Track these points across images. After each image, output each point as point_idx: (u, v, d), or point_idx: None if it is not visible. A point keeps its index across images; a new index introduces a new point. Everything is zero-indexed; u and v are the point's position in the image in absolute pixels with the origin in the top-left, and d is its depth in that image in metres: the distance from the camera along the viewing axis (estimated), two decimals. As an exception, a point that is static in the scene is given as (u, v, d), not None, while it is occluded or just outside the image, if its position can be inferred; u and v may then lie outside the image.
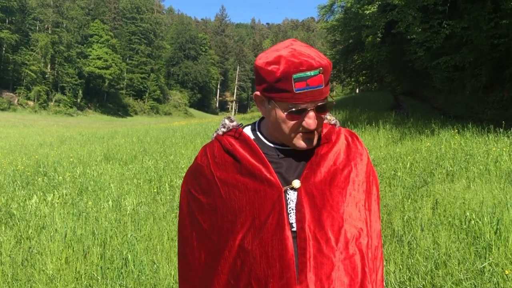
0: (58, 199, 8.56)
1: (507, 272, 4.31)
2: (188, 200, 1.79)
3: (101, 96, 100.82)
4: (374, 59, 29.90)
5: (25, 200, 8.56)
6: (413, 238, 5.48)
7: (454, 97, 22.61)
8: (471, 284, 4.29)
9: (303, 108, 1.55)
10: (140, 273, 4.88)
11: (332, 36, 40.42)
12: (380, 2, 23.30)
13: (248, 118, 36.11)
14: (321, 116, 1.61)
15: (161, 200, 8.26)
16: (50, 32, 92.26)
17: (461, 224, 5.71)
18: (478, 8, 17.37)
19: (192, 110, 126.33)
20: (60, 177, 10.76)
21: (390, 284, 4.45)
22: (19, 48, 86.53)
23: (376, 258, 1.71)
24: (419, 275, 4.55)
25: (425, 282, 4.42)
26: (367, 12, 23.21)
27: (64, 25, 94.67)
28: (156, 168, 11.49)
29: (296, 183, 1.62)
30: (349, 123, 17.37)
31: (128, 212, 7.52)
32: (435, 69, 21.38)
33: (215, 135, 1.79)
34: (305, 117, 1.57)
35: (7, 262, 5.33)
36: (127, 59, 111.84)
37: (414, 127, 15.11)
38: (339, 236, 1.59)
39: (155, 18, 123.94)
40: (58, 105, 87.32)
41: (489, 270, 4.48)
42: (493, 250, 4.89)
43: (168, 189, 9.13)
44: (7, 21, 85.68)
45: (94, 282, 4.76)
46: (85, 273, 5.02)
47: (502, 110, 16.78)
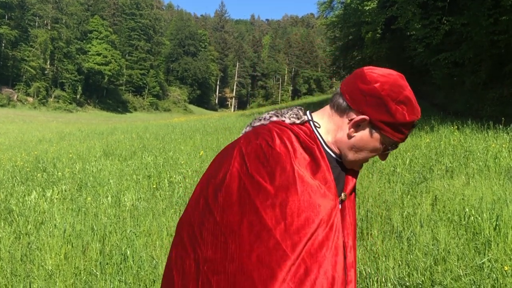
0: (57, 195, 8.56)
1: (506, 268, 4.30)
2: (245, 184, 1.53)
3: (101, 92, 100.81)
4: (374, 55, 29.90)
5: (24, 195, 8.55)
6: (412, 234, 5.48)
7: (453, 94, 22.59)
8: (470, 280, 4.29)
9: (397, 145, 1.68)
10: (139, 269, 4.88)
11: (332, 32, 40.35)
12: (380, -2, 23.28)
13: (248, 114, 36.06)
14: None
15: (160, 196, 8.25)
16: (49, 28, 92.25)
17: (461, 220, 5.71)
18: (477, 4, 17.33)
19: (191, 107, 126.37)
20: (60, 173, 10.75)
21: (389, 280, 4.44)
22: (19, 44, 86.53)
23: None
24: (418, 271, 4.55)
25: (424, 278, 4.41)
26: (367, 8, 23.21)
27: (64, 21, 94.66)
28: (155, 164, 11.48)
29: (343, 196, 1.69)
30: (348, 120, 17.30)
31: (127, 208, 7.52)
32: (435, 65, 21.37)
33: (282, 120, 1.66)
34: (383, 152, 1.69)
35: (6, 258, 5.33)
36: (127, 55, 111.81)
37: (413, 123, 15.08)
38: (354, 242, 1.73)
39: (154, 14, 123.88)
40: (58, 101, 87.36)
41: (488, 266, 4.48)
42: (492, 246, 4.89)
43: (167, 185, 9.12)
44: (6, 17, 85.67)
45: (93, 278, 4.76)
46: (84, 269, 5.02)
47: (501, 107, 16.76)
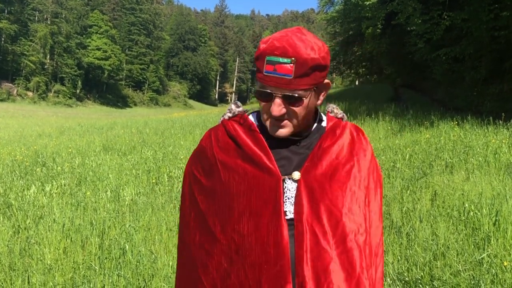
0: (56, 190, 8.55)
1: (505, 264, 4.30)
2: (190, 180, 1.80)
3: (100, 87, 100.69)
4: (374, 51, 29.85)
5: (24, 190, 8.55)
6: (411, 229, 5.48)
7: (453, 89, 22.54)
8: (469, 275, 4.29)
9: (267, 92, 1.58)
10: (138, 263, 4.87)
11: (332, 27, 40.24)
12: (380, -7, 23.21)
13: (247, 109, 36.03)
14: (293, 108, 1.59)
15: (160, 191, 8.25)
16: (49, 22, 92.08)
17: (460, 215, 5.71)
18: (478, -1, 17.30)
19: (191, 102, 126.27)
20: (59, 168, 10.74)
21: (389, 275, 4.44)
22: (18, 38, 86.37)
23: (377, 255, 1.69)
24: (418, 266, 4.55)
25: (423, 273, 4.41)
26: (367, 3, 23.13)
27: (63, 15, 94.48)
28: (155, 159, 11.48)
29: (296, 174, 1.62)
30: (348, 115, 17.33)
31: (126, 202, 7.51)
32: (435, 61, 21.33)
33: (221, 119, 1.82)
34: (272, 102, 1.58)
35: (5, 252, 5.32)
36: (127, 50, 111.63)
37: (413, 119, 15.09)
38: (336, 230, 1.58)
39: (154, 9, 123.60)
40: (57, 96, 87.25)
41: (488, 262, 4.47)
42: (492, 241, 4.89)
43: (166, 179, 9.12)
44: (6, 11, 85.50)
45: (92, 272, 4.76)
46: (83, 263, 5.02)
47: (501, 102, 16.73)
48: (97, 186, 8.76)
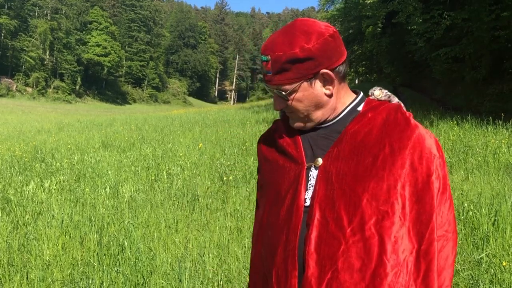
0: (55, 185, 8.54)
1: (504, 264, 4.30)
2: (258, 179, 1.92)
3: (100, 84, 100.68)
4: (374, 49, 29.87)
5: (22, 186, 8.54)
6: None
7: (453, 89, 22.56)
8: (468, 275, 4.29)
9: (265, 87, 1.65)
10: (136, 260, 4.87)
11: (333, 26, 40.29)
12: (381, -8, 23.21)
13: (247, 107, 36.05)
14: (288, 103, 1.60)
15: (159, 188, 8.25)
16: (49, 18, 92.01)
17: (459, 215, 5.70)
18: (479, -1, 17.30)
19: (191, 99, 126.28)
20: (58, 164, 10.73)
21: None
22: (18, 34, 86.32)
23: (433, 258, 1.50)
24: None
25: (422, 273, 4.41)
26: (368, 2, 23.15)
27: (63, 11, 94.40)
28: (154, 156, 11.47)
29: (319, 160, 1.59)
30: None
31: (125, 199, 7.51)
32: (435, 60, 21.33)
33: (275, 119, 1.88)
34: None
35: (4, 248, 5.32)
36: (126, 47, 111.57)
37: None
38: (354, 217, 1.48)
39: (154, 6, 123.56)
40: (57, 92, 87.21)
41: (487, 261, 4.47)
42: (491, 241, 4.89)
43: (165, 176, 9.12)
44: (6, 6, 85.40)
45: (91, 269, 4.75)
46: (82, 260, 5.02)
47: (501, 103, 16.75)
48: (96, 183, 8.75)
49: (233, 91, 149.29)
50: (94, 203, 7.25)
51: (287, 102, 1.59)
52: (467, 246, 4.87)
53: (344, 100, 1.65)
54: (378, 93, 1.68)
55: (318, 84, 1.59)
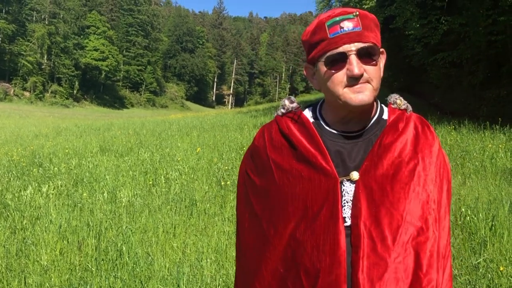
0: (53, 190, 8.53)
1: (501, 269, 4.31)
2: (244, 180, 1.75)
3: (98, 88, 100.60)
4: (372, 54, 29.85)
5: (20, 190, 8.53)
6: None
7: (450, 94, 22.61)
8: (465, 280, 4.30)
9: (341, 52, 1.47)
10: (134, 265, 4.87)
11: (330, 30, 40.34)
12: (378, -3, 23.30)
13: (245, 111, 36.06)
14: (369, 67, 1.49)
15: (157, 193, 8.24)
16: (47, 22, 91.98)
17: (456, 220, 5.72)
18: (476, 4, 17.37)
19: (188, 103, 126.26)
20: (56, 168, 10.72)
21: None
22: (16, 38, 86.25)
23: (445, 257, 1.56)
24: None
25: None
26: (365, 7, 23.21)
27: (61, 15, 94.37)
28: (152, 161, 11.47)
29: (355, 175, 1.51)
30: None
31: (123, 204, 7.50)
32: (432, 65, 21.42)
33: (275, 115, 1.74)
34: (347, 65, 1.47)
35: (1, 253, 5.32)
36: (124, 51, 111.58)
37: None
38: (397, 236, 1.46)
39: (152, 10, 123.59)
40: (54, 96, 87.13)
41: (484, 266, 4.49)
42: (488, 246, 4.90)
43: (163, 181, 9.11)
44: (3, 11, 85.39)
45: (89, 274, 4.75)
46: (80, 265, 5.01)
47: (498, 107, 16.80)
48: (93, 187, 8.75)
49: (230, 96, 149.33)
50: (92, 208, 7.24)
51: (367, 66, 1.48)
52: (465, 251, 4.88)
53: (374, 103, 1.61)
54: (400, 102, 1.65)
55: (382, 61, 1.60)
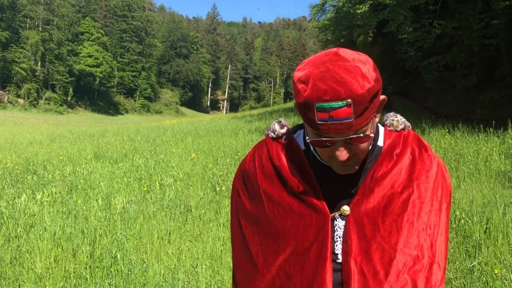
0: (47, 198, 8.50)
1: (496, 271, 4.32)
2: (236, 199, 1.71)
3: (92, 94, 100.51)
4: (366, 58, 29.94)
5: (14, 198, 8.49)
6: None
7: (444, 97, 22.69)
8: (460, 283, 4.30)
9: (327, 140, 1.36)
10: (129, 272, 4.85)
11: (324, 35, 40.37)
12: (371, 2, 23.33)
13: (239, 117, 36.07)
14: (358, 147, 1.38)
15: (151, 199, 8.23)
16: (40, 29, 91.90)
17: (451, 223, 5.72)
18: (469, 8, 17.44)
19: (183, 109, 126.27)
20: (50, 175, 10.69)
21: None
22: (9, 45, 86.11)
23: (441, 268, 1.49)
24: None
25: (415, 281, 4.41)
26: (359, 11, 23.25)
27: (55, 22, 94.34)
28: (146, 167, 11.45)
29: (346, 209, 1.47)
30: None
31: (117, 210, 7.48)
32: (426, 68, 21.47)
33: (266, 133, 1.65)
34: (334, 148, 1.37)
35: (-5, 261, 5.29)
36: (118, 57, 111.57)
37: (404, 126, 15.13)
38: (390, 269, 1.41)
39: (146, 16, 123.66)
40: (49, 103, 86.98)
41: (479, 269, 4.49)
42: (483, 249, 4.91)
43: (158, 187, 9.10)
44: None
45: (83, 281, 4.73)
46: (74, 272, 4.99)
47: (492, 110, 16.85)
48: (88, 194, 8.72)
49: (225, 101, 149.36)
50: (86, 215, 7.22)
51: (356, 147, 1.38)
52: (459, 255, 4.88)
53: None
54: (396, 123, 1.57)
55: (378, 116, 1.49)
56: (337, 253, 1.48)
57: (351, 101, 1.28)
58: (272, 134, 1.63)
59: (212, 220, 6.78)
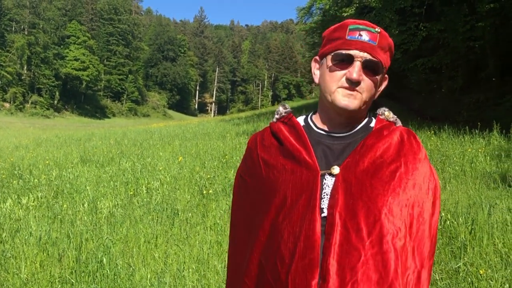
0: (33, 202, 8.45)
1: (481, 272, 4.35)
2: (239, 183, 1.84)
3: (78, 98, 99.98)
4: (352, 61, 30.04)
5: (-1, 203, 8.44)
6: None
7: (430, 99, 22.83)
8: (446, 284, 4.33)
9: (350, 54, 1.58)
10: (115, 276, 4.83)
11: (311, 38, 40.48)
12: (357, 5, 23.44)
13: (227, 119, 36.06)
14: (369, 79, 1.61)
15: (138, 203, 8.20)
16: (26, 33, 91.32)
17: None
18: (454, 10, 17.56)
19: (171, 112, 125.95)
20: (36, 180, 10.63)
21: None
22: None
23: (423, 266, 1.55)
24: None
25: (401, 283, 4.43)
26: (345, 14, 23.30)
27: (41, 26, 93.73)
28: (133, 171, 11.41)
29: (336, 169, 1.58)
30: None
31: (104, 215, 7.45)
32: (412, 71, 21.60)
33: (270, 122, 1.83)
34: (350, 68, 1.58)
35: (-20, 267, 5.25)
36: (105, 61, 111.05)
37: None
38: (373, 229, 1.49)
39: (133, 19, 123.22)
40: (35, 107, 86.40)
41: (464, 270, 4.52)
42: (468, 250, 4.94)
43: (145, 191, 9.07)
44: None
45: (69, 286, 4.71)
46: (60, 277, 4.96)
47: (477, 112, 16.97)
48: (74, 198, 8.68)
49: (213, 104, 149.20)
50: (72, 220, 7.18)
51: (367, 77, 1.61)
52: (445, 256, 4.91)
53: (365, 113, 1.72)
54: (388, 114, 1.74)
55: (382, 85, 1.74)
56: (323, 208, 1.55)
57: (379, 31, 1.59)
58: (276, 116, 1.79)
59: (199, 224, 6.77)
